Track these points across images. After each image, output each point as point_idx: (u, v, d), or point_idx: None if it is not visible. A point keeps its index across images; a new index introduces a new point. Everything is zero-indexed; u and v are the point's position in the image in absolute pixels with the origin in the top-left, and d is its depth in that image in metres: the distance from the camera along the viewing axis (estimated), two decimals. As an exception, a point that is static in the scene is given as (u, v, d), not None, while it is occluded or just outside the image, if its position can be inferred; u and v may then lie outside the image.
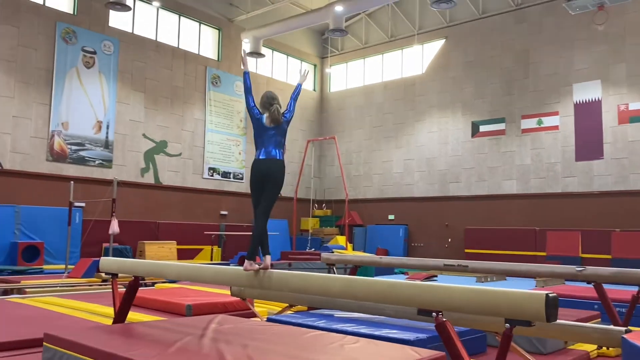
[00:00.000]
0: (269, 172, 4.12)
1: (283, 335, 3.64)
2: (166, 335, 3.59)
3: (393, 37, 19.84)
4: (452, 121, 18.06)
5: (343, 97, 21.16)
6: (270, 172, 4.12)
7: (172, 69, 16.70)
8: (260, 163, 4.13)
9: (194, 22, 17.60)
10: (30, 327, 4.63)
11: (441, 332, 2.49)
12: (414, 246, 18.43)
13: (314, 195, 20.05)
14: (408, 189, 18.85)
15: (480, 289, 2.39)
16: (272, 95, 4.41)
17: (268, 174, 4.11)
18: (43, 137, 13.72)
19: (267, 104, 4.34)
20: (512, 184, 16.64)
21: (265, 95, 4.41)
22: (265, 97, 4.39)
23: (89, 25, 14.78)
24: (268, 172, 4.11)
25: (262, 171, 4.11)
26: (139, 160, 15.75)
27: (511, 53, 16.97)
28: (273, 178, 4.12)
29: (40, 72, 13.73)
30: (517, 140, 16.65)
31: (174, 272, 4.27)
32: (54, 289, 8.30)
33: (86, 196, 13.18)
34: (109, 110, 15.05)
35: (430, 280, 12.65)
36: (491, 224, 16.65)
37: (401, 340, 3.65)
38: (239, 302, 5.89)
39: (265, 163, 4.12)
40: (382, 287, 2.70)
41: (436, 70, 18.63)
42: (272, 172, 4.13)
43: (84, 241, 12.79)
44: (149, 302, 6.26)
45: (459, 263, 5.39)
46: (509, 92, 16.91)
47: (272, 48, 19.81)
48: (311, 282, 3.04)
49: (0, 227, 12.38)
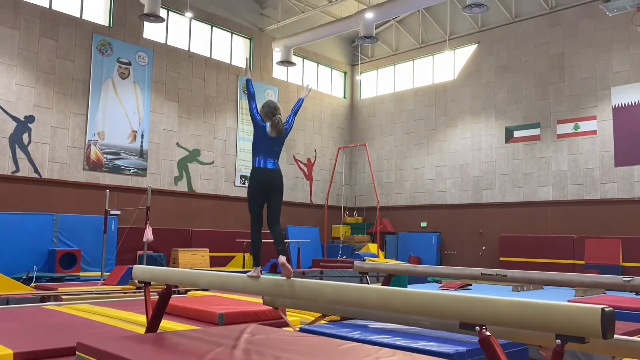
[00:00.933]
0: (274, 182, 4.22)
1: (317, 346, 3.55)
2: (198, 345, 3.55)
3: (424, 43, 19.65)
4: (485, 127, 17.74)
5: (373, 103, 21.04)
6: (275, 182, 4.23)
7: (204, 79, 16.90)
8: (265, 173, 4.20)
9: (226, 32, 17.79)
10: (65, 335, 4.66)
11: (486, 348, 2.36)
12: (447, 254, 18.12)
13: (345, 202, 19.94)
14: (440, 196, 18.57)
15: (528, 302, 2.26)
16: (275, 105, 4.42)
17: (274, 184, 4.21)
18: (80, 147, 14.02)
19: (270, 113, 4.34)
20: (548, 191, 16.21)
21: (268, 104, 4.40)
22: (268, 106, 4.38)
23: (124, 36, 15.09)
24: (274, 182, 4.22)
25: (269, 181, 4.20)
26: (173, 169, 15.95)
27: (545, 57, 16.59)
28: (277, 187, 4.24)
29: (77, 83, 14.06)
30: (552, 146, 16.23)
31: (206, 281, 4.24)
32: (90, 297, 8.40)
33: (121, 204, 13.39)
34: (143, 119, 15.30)
35: (464, 289, 12.38)
36: (527, 232, 16.24)
37: (440, 354, 3.52)
38: (271, 310, 5.82)
39: (271, 173, 4.21)
40: (421, 298, 2.59)
41: (468, 76, 18.35)
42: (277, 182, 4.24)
43: (119, 248, 12.98)
44: (181, 310, 6.26)
45: (497, 272, 5.21)
46: (544, 96, 16.52)
47: (303, 56, 19.86)
48: (346, 293, 2.95)
49: (39, 235, 12.67)
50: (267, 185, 4.20)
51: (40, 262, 12.39)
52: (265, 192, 4.21)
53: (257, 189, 4.21)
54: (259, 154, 4.26)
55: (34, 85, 13.31)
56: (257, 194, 4.21)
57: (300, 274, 11.60)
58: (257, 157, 4.26)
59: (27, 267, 11.76)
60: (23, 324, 5.35)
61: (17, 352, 4.00)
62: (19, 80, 13.08)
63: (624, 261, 13.98)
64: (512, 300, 2.34)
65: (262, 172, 4.21)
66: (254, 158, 4.28)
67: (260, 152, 4.26)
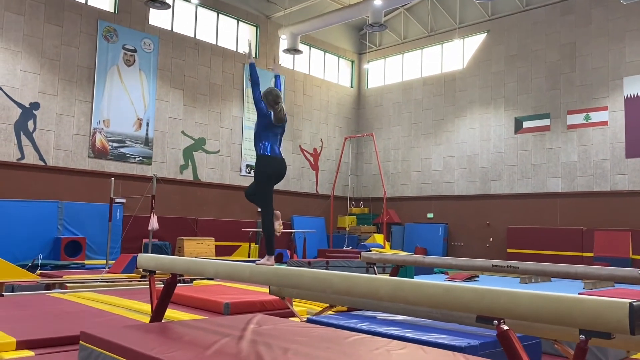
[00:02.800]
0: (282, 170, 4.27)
1: (325, 338, 3.45)
2: (204, 335, 3.46)
3: (433, 31, 19.41)
4: (494, 117, 17.53)
5: (381, 93, 20.85)
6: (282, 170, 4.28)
7: (210, 66, 16.76)
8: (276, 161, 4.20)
9: (232, 19, 17.62)
10: (69, 324, 4.59)
11: (504, 342, 2.25)
12: (453, 245, 18.00)
13: (351, 193, 19.83)
14: (448, 187, 18.42)
15: (550, 295, 2.15)
16: (277, 93, 4.36)
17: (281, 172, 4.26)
18: (85, 134, 13.95)
19: (273, 102, 4.30)
20: (557, 182, 16.03)
21: (271, 92, 4.33)
22: (271, 94, 4.32)
23: (130, 23, 14.95)
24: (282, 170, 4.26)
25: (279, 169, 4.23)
26: (178, 157, 15.87)
27: (556, 46, 16.33)
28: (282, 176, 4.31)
29: (82, 70, 13.96)
30: (562, 137, 16.03)
31: (212, 270, 4.14)
32: (94, 285, 8.36)
33: (126, 192, 13.34)
34: (148, 107, 15.20)
35: (472, 280, 12.28)
36: (535, 223, 16.09)
37: (451, 347, 3.42)
38: (278, 300, 5.74)
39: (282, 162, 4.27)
40: (435, 290, 2.48)
41: (477, 65, 18.12)
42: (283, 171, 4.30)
43: (125, 237, 12.94)
44: (187, 300, 6.19)
45: (509, 264, 5.10)
46: (554, 86, 16.29)
47: (310, 44, 19.67)
48: (356, 284, 2.85)
49: (45, 223, 12.64)
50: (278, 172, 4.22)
51: (45, 249, 12.39)
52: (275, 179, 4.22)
53: (271, 177, 4.20)
54: (267, 141, 4.20)
55: (39, 71, 13.22)
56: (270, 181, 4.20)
57: (306, 264, 11.52)
58: (265, 144, 4.20)
59: (32, 254, 11.75)
60: (27, 311, 5.30)
61: (20, 340, 3.94)
62: (24, 66, 12.99)
63: (633, 254, 13.82)
64: (533, 293, 2.23)
65: (276, 160, 4.20)
66: (260, 145, 4.21)
67: (268, 139, 4.20)
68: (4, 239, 11.86)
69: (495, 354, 3.50)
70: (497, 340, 2.43)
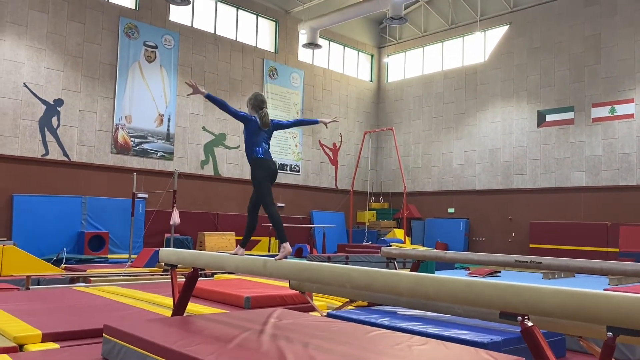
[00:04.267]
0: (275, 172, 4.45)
1: (345, 333, 3.45)
2: (225, 329, 3.48)
3: (454, 24, 19.18)
4: (516, 110, 17.28)
5: (401, 87, 20.70)
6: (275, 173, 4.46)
7: (230, 62, 16.81)
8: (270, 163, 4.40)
9: (252, 14, 17.64)
10: (93, 317, 4.66)
11: (528, 339, 2.21)
12: (475, 240, 17.84)
13: (370, 187, 19.76)
14: (469, 182, 18.24)
15: (575, 291, 2.10)
16: (262, 98, 4.57)
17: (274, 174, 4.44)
18: (107, 130, 14.13)
19: (258, 107, 4.48)
20: (581, 176, 15.75)
21: (256, 97, 4.54)
22: (256, 99, 4.53)
23: (151, 20, 15.07)
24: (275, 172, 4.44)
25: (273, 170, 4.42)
26: (199, 153, 15.98)
27: (581, 38, 16.01)
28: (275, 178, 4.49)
29: (104, 66, 14.12)
30: (587, 130, 15.73)
31: (233, 265, 4.16)
32: (117, 279, 8.47)
33: (148, 187, 13.49)
34: (170, 103, 15.32)
35: (493, 276, 12.15)
36: (558, 218, 15.85)
37: (474, 343, 3.39)
38: (298, 295, 5.75)
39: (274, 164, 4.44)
40: (457, 286, 2.45)
41: (499, 58, 17.87)
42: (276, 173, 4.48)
43: (147, 231, 13.10)
44: (208, 294, 6.24)
45: (532, 259, 5.02)
46: (578, 79, 15.98)
47: (329, 39, 19.60)
48: (377, 279, 2.83)
49: (69, 217, 12.86)
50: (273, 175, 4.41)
51: (69, 244, 12.60)
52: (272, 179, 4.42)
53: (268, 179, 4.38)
54: (259, 145, 4.40)
55: (63, 68, 13.41)
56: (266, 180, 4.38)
57: (325, 258, 11.52)
58: (258, 148, 4.39)
59: (57, 248, 11.97)
60: (53, 304, 5.39)
61: (45, 333, 4.01)
62: (48, 63, 13.19)
63: (660, 249, 13.52)
64: (558, 289, 2.18)
65: (270, 163, 4.39)
66: (253, 149, 4.40)
67: (259, 144, 4.41)
68: (30, 233, 12.11)
69: (518, 350, 3.46)
70: (520, 336, 2.39)
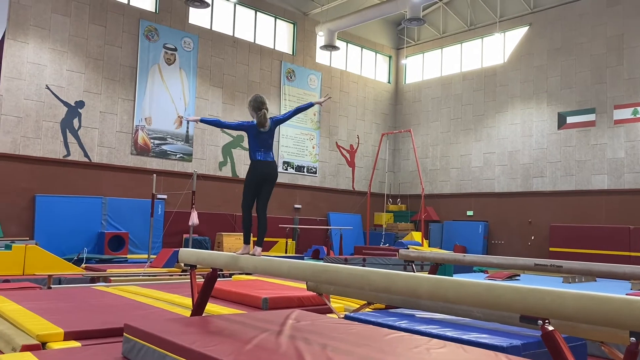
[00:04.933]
0: (270, 173, 4.57)
1: (363, 335, 3.44)
2: (243, 330, 3.50)
3: (472, 25, 19.05)
4: (536, 112, 17.09)
5: (419, 88, 20.61)
6: (271, 173, 4.58)
7: (248, 64, 16.91)
8: (262, 165, 4.52)
9: (270, 17, 17.72)
10: (113, 316, 4.72)
11: (549, 343, 2.19)
12: (493, 243, 17.67)
13: (388, 189, 19.70)
14: (488, 184, 18.08)
15: (597, 295, 2.07)
16: (261, 100, 4.68)
17: (270, 175, 4.57)
18: (128, 132, 14.30)
19: (257, 108, 4.60)
20: (602, 179, 15.51)
21: (255, 99, 4.68)
22: (255, 100, 4.67)
23: (170, 22, 15.23)
24: (270, 173, 4.56)
25: (265, 173, 4.54)
26: (217, 154, 16.09)
27: (602, 39, 15.78)
28: (272, 179, 4.60)
29: (125, 69, 14.30)
30: (608, 132, 15.49)
31: (251, 266, 4.18)
32: (137, 278, 8.56)
33: (167, 188, 13.62)
34: (189, 105, 15.46)
35: (512, 279, 12.03)
36: (579, 222, 15.62)
37: (493, 347, 3.36)
38: (315, 296, 5.75)
39: (268, 166, 4.55)
40: (477, 289, 2.43)
41: (519, 59, 17.70)
42: (272, 174, 4.59)
43: (166, 232, 13.22)
44: (226, 294, 6.27)
45: (552, 263, 4.96)
46: (600, 80, 15.75)
47: (347, 40, 19.61)
48: (397, 282, 2.82)
49: (89, 218, 13.04)
50: (264, 177, 4.54)
51: (90, 243, 12.77)
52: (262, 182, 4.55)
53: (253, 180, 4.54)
54: (256, 148, 4.56)
55: (84, 71, 13.62)
56: (254, 185, 4.55)
57: (342, 260, 11.51)
58: (255, 152, 4.56)
59: (77, 248, 12.14)
60: (74, 303, 5.47)
61: (67, 331, 4.06)
62: (70, 66, 13.40)
63: (684, 254, 13.26)
64: (580, 293, 2.16)
65: (262, 165, 4.52)
66: (253, 153, 4.57)
67: (256, 147, 4.57)
68: (52, 233, 12.30)
69: (538, 354, 3.42)
70: (540, 340, 2.36)
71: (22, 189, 12.49)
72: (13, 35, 12.54)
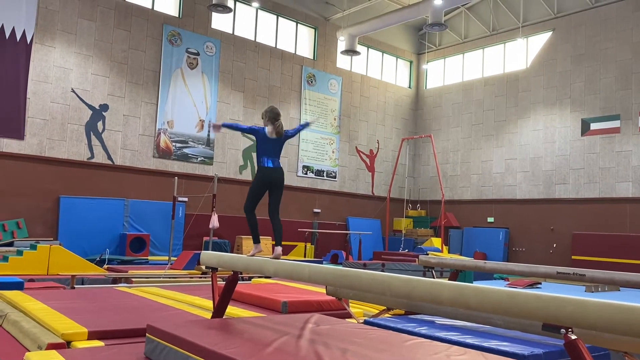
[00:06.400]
0: (277, 179, 4.78)
1: (383, 340, 3.44)
2: (263, 333, 3.53)
3: (495, 30, 18.92)
4: (559, 118, 16.89)
5: (440, 93, 20.52)
6: (278, 179, 4.79)
7: (269, 69, 17.03)
8: (270, 171, 4.73)
9: (291, 21, 17.83)
10: (135, 317, 4.79)
11: (572, 352, 2.17)
12: (514, 251, 17.47)
13: (407, 195, 19.62)
14: (510, 190, 17.90)
15: (622, 305, 2.05)
16: (278, 111, 5.05)
17: (277, 181, 4.77)
18: (150, 135, 14.49)
19: (273, 118, 4.95)
20: (627, 187, 15.25)
21: (272, 110, 5.01)
22: (272, 111, 4.99)
23: (193, 27, 15.42)
24: (277, 179, 4.77)
25: (272, 179, 4.75)
26: (238, 158, 16.22)
27: (628, 44, 15.54)
28: (280, 184, 4.81)
29: (148, 73, 14.52)
30: (634, 139, 15.23)
31: (272, 269, 4.21)
32: (158, 280, 8.67)
33: (189, 191, 13.76)
34: (210, 109, 15.61)
35: (533, 287, 11.90)
36: (602, 230, 15.37)
37: (514, 355, 3.33)
38: (334, 301, 5.76)
39: (275, 172, 4.75)
40: (499, 297, 2.42)
41: (542, 65, 17.51)
42: (280, 180, 4.81)
43: (186, 234, 13.36)
44: (246, 297, 6.31)
45: (575, 271, 4.90)
46: (625, 86, 15.50)
47: (368, 45, 19.62)
48: (418, 288, 2.82)
49: (112, 219, 13.24)
50: (271, 182, 4.73)
51: (112, 245, 12.96)
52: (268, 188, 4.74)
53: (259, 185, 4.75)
54: (262, 155, 4.79)
55: (108, 74, 13.85)
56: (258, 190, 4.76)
57: (361, 265, 11.50)
58: (261, 158, 4.77)
59: (100, 249, 12.33)
60: (97, 303, 5.56)
61: (91, 331, 4.14)
62: (95, 70, 13.64)
63: None
64: (603, 302, 2.14)
65: (267, 171, 4.72)
66: (261, 159, 4.79)
67: (263, 153, 4.79)
68: (75, 234, 12.52)
69: (561, 364, 3.38)
70: (563, 349, 2.34)
71: (47, 190, 12.74)
72: (41, 39, 12.82)
